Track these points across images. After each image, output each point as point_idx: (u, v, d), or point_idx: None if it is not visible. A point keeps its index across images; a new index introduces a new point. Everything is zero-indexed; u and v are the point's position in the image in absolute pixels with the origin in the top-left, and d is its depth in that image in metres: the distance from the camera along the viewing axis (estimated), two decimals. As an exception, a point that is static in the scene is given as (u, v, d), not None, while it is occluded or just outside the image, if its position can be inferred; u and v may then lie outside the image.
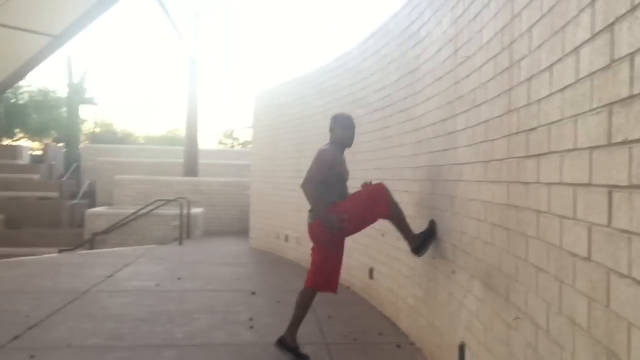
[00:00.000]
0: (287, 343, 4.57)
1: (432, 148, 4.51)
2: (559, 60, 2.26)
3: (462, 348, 3.70)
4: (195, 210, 14.36)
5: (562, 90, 2.23)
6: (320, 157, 4.54)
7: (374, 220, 4.68)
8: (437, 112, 4.38)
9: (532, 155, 2.57)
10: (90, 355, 4.53)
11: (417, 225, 4.83)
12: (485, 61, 3.33)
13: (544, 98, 2.43)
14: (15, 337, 4.96)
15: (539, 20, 2.51)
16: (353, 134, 4.73)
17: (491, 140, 3.20)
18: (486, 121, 3.29)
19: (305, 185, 4.47)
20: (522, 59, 2.73)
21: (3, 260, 10.20)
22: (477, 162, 3.46)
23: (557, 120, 2.27)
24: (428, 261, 4.57)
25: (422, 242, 4.44)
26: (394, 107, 5.70)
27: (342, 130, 4.68)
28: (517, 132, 2.77)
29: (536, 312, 2.49)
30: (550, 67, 2.36)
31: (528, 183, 2.61)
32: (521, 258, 2.70)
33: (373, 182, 4.72)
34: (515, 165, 2.79)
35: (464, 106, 3.74)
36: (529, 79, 2.63)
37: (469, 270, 3.59)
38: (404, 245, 5.27)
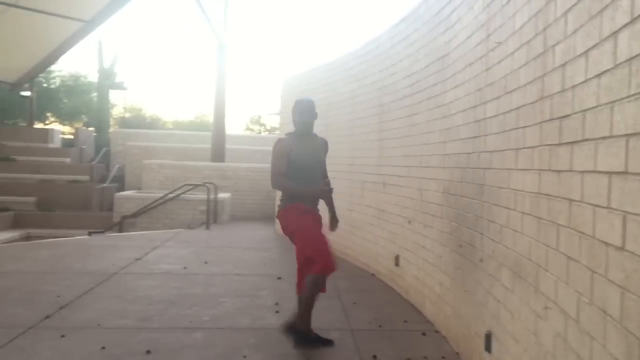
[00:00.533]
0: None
1: (461, 135, 4.46)
2: (596, 45, 2.20)
3: (488, 337, 3.67)
4: (222, 195, 14.47)
5: (598, 76, 2.17)
6: (272, 150, 4.53)
7: (300, 255, 4.44)
8: (467, 98, 4.33)
9: (565, 143, 2.52)
10: (119, 336, 4.61)
11: (444, 211, 4.80)
12: (518, 47, 3.27)
13: (579, 84, 2.38)
14: (47, 317, 5.08)
15: (575, 4, 2.45)
16: (308, 119, 4.55)
17: (522, 127, 3.14)
18: (518, 108, 3.24)
19: (273, 185, 4.51)
20: (556, 44, 2.67)
21: (35, 241, 10.44)
22: (507, 149, 3.41)
23: (593, 107, 2.22)
24: (455, 249, 4.54)
25: (299, 333, 4.35)
26: (423, 94, 5.64)
27: (297, 117, 4.56)
28: (550, 119, 2.72)
29: (566, 302, 2.46)
30: (586, 52, 2.30)
31: (560, 171, 2.57)
32: (552, 247, 2.66)
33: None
34: (548, 153, 2.74)
35: (495, 93, 3.68)
36: (563, 65, 2.57)
37: (497, 259, 3.55)
38: (430, 233, 5.25)
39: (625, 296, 1.90)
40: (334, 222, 5.01)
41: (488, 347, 3.67)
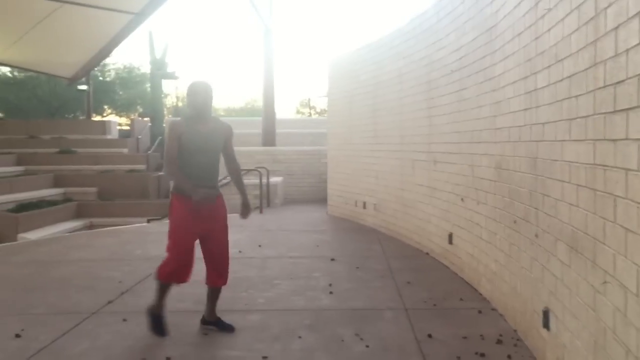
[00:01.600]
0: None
1: (512, 108, 4.33)
2: (650, 5, 2.09)
3: (546, 314, 3.59)
4: (275, 179, 14.59)
5: (653, 37, 2.06)
6: (167, 130, 4.35)
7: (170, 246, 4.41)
8: (517, 70, 4.19)
9: (620, 110, 2.40)
10: (178, 319, 4.74)
11: (496, 187, 4.70)
12: (568, 12, 3.13)
13: (632, 47, 2.26)
14: (109, 302, 5.27)
15: (627, -37, 2.32)
16: (202, 100, 4.31)
17: (575, 96, 3.02)
18: (570, 76, 3.11)
19: (165, 173, 4.41)
20: (608, 6, 2.54)
21: (97, 229, 10.82)
22: (560, 120, 3.29)
23: (648, 71, 2.10)
24: (510, 225, 4.43)
25: (152, 316, 4.38)
26: (472, 68, 5.50)
27: (190, 99, 4.33)
28: (604, 86, 2.60)
29: (625, 275, 2.36)
30: (639, 13, 2.18)
31: (616, 140, 2.45)
32: (609, 220, 2.56)
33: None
34: (602, 122, 2.63)
35: (546, 62, 3.54)
36: (616, 28, 2.45)
37: (553, 234, 3.45)
38: (483, 210, 5.15)
39: (687, 268, 1.81)
40: (244, 208, 4.94)
41: (546, 324, 3.58)
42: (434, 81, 6.83)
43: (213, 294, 4.57)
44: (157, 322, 4.42)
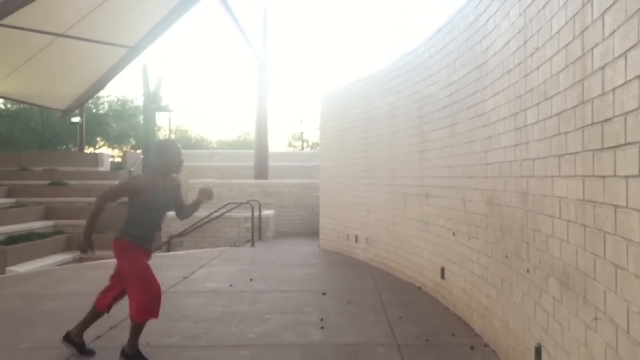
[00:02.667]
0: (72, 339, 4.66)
1: (503, 144, 4.38)
2: (635, 45, 2.14)
3: (538, 350, 3.57)
4: (266, 212, 14.58)
5: (638, 77, 2.11)
6: (127, 179, 4.58)
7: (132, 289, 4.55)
8: (507, 106, 4.25)
9: (608, 147, 2.44)
10: (167, 354, 4.68)
11: (488, 222, 4.72)
12: (556, 51, 3.20)
13: (619, 87, 2.31)
14: (98, 337, 5.20)
15: (611, 5, 2.39)
16: (174, 158, 4.53)
17: (564, 133, 3.07)
18: (558, 113, 3.16)
19: (97, 198, 4.56)
20: (594, 46, 2.60)
21: (87, 263, 10.71)
22: (549, 156, 3.33)
23: (635, 109, 2.15)
24: (502, 260, 4.44)
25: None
26: (463, 103, 5.58)
27: (172, 157, 4.51)
28: (592, 124, 2.64)
29: (616, 311, 2.37)
30: (625, 53, 2.24)
31: (604, 177, 2.49)
32: (599, 256, 2.57)
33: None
34: (591, 159, 2.66)
35: (535, 99, 3.61)
36: (602, 68, 2.50)
37: (544, 269, 3.46)
38: (475, 244, 5.16)
39: (676, 305, 1.82)
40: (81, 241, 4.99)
41: (538, 360, 3.56)
42: (426, 116, 6.91)
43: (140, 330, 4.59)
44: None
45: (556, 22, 3.19)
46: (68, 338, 4.69)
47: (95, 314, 4.73)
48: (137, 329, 4.42)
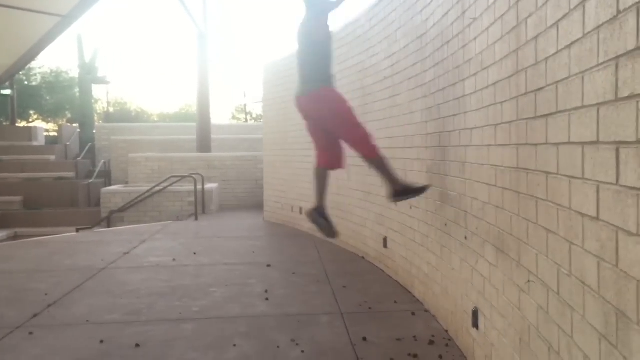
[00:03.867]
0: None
1: (442, 114, 4.45)
2: (565, 15, 2.19)
3: (475, 313, 3.69)
4: (210, 185, 14.42)
5: (569, 46, 2.16)
6: None
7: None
8: (447, 76, 4.31)
9: (540, 116, 2.51)
10: (108, 331, 4.60)
11: (428, 191, 4.80)
12: (492, 22, 3.24)
13: (551, 56, 2.37)
14: (35, 315, 5.04)
15: (545, -25, 2.43)
16: None
17: (500, 102, 3.13)
18: (495, 83, 3.22)
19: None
20: (528, 17, 2.65)
21: (22, 240, 10.37)
22: (486, 126, 3.40)
23: (565, 78, 2.21)
24: (441, 228, 4.54)
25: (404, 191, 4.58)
26: (404, 74, 5.62)
27: None
28: (526, 93, 2.71)
29: (547, 274, 2.46)
30: (556, 23, 2.29)
31: (537, 144, 2.56)
32: (532, 221, 2.66)
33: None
34: (525, 127, 2.73)
35: (473, 69, 3.66)
36: (535, 38, 2.55)
37: (481, 236, 3.56)
38: (416, 214, 5.25)
39: (601, 266, 1.91)
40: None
41: (475, 324, 3.69)
42: (368, 87, 6.93)
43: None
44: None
45: (493, -8, 3.23)
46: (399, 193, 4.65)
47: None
48: (379, 164, 4.58)
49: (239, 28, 67.76)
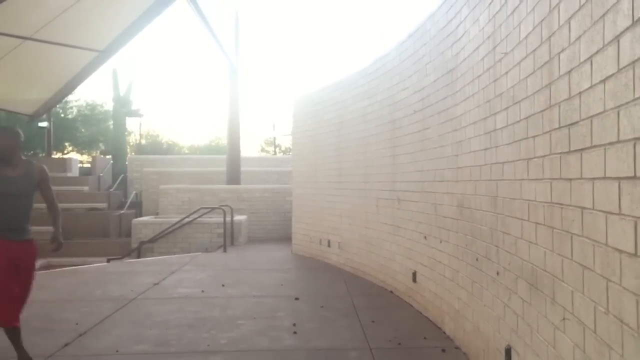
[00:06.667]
0: None
1: (473, 148, 4.43)
2: (599, 50, 2.19)
3: (508, 351, 3.61)
4: (239, 217, 14.50)
5: (603, 81, 2.15)
6: None
7: None
8: (477, 110, 4.31)
9: (574, 150, 2.49)
10: (137, 361, 4.61)
11: (459, 225, 4.76)
12: (524, 56, 3.25)
13: (585, 90, 2.36)
14: (66, 345, 5.09)
15: (577, 10, 2.44)
16: (7, 144, 4.37)
17: (532, 136, 3.12)
18: (527, 117, 3.21)
19: None
20: (561, 51, 2.65)
21: (55, 270, 10.52)
22: (518, 160, 3.38)
23: (600, 113, 2.19)
24: (472, 263, 4.48)
25: None
26: (434, 108, 5.63)
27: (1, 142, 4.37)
28: (559, 127, 2.69)
29: (583, 312, 2.41)
30: (590, 58, 2.29)
31: (571, 179, 2.53)
32: (566, 257, 2.61)
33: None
34: (558, 162, 2.71)
35: (504, 103, 3.66)
36: (569, 72, 2.55)
37: (513, 272, 3.50)
38: (446, 248, 5.20)
39: (641, 304, 1.86)
40: (54, 242, 5.04)
41: (508, 362, 3.60)
42: (398, 121, 6.95)
43: (15, 335, 4.44)
44: None
45: (524, 27, 3.24)
46: None
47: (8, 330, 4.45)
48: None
49: (269, 61, 68.94)
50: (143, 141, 38.76)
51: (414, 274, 6.36)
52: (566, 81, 2.59)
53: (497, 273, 3.83)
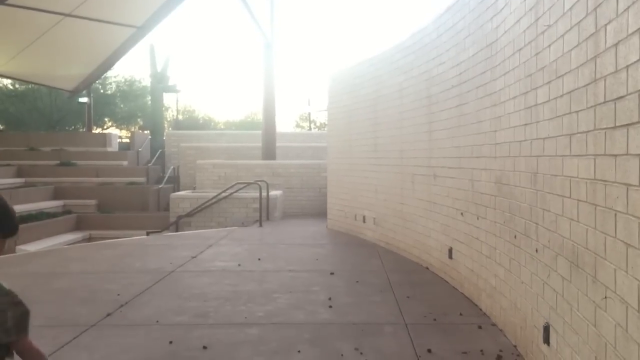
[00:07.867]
0: None
1: (512, 123, 4.35)
2: (650, 21, 2.10)
3: (547, 329, 3.58)
4: (274, 192, 14.59)
5: (653, 54, 2.08)
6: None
7: None
8: (517, 85, 4.21)
9: (620, 126, 2.42)
10: (177, 332, 4.72)
11: (496, 202, 4.70)
12: (568, 29, 3.15)
13: (632, 64, 2.28)
14: (108, 315, 5.24)
15: (627, -20, 2.35)
16: None
17: (576, 111, 3.04)
18: (570, 92, 3.13)
19: None
20: (608, 23, 2.56)
21: (96, 242, 10.81)
22: (560, 135, 3.30)
23: (648, 87, 2.12)
24: (510, 240, 4.43)
25: None
26: (472, 83, 5.53)
27: None
28: (604, 102, 2.61)
29: (626, 291, 2.36)
30: (639, 29, 2.20)
31: (616, 155, 2.46)
32: (610, 235, 2.56)
33: None
34: (603, 138, 2.64)
35: (546, 77, 3.57)
36: (616, 45, 2.46)
37: (553, 249, 3.45)
38: (483, 225, 5.15)
39: (688, 283, 1.81)
40: None
41: (546, 339, 3.57)
42: (434, 96, 6.86)
43: None
44: None
45: (569, -2, 3.14)
46: None
47: None
48: None
49: (305, 37, 68.55)
50: (180, 117, 39.13)
51: (450, 250, 6.33)
52: (613, 54, 2.51)
53: (536, 250, 3.78)
